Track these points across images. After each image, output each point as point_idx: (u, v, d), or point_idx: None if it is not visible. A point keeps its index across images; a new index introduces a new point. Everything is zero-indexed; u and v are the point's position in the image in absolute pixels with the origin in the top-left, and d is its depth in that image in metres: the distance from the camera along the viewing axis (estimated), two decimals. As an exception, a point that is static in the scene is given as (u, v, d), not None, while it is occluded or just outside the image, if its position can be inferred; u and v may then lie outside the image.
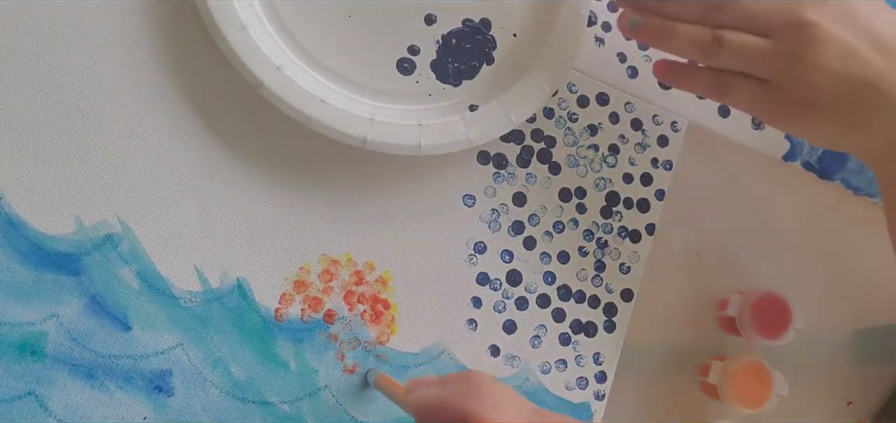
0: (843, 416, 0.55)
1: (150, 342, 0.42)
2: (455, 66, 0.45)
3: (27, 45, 0.41)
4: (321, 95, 0.42)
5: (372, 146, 0.42)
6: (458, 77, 0.45)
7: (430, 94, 0.45)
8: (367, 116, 0.43)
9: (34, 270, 0.41)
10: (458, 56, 0.45)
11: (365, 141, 0.42)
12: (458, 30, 0.45)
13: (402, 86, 0.45)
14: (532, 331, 0.48)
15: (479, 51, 0.46)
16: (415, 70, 0.45)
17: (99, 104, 0.42)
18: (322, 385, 0.45)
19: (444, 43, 0.45)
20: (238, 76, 0.42)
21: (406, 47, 0.45)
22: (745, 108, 0.41)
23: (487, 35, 0.46)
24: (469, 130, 0.44)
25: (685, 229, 0.51)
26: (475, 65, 0.46)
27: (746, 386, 0.48)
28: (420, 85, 0.45)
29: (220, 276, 0.43)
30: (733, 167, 0.51)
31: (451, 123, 0.44)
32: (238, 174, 0.44)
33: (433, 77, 0.45)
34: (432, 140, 0.43)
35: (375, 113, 0.43)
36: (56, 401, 0.41)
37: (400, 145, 0.43)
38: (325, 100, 0.42)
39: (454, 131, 0.44)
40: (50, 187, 0.41)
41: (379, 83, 0.44)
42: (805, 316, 0.49)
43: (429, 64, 0.45)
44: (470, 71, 0.46)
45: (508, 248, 0.48)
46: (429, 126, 0.43)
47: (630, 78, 0.49)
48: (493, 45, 0.46)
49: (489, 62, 0.46)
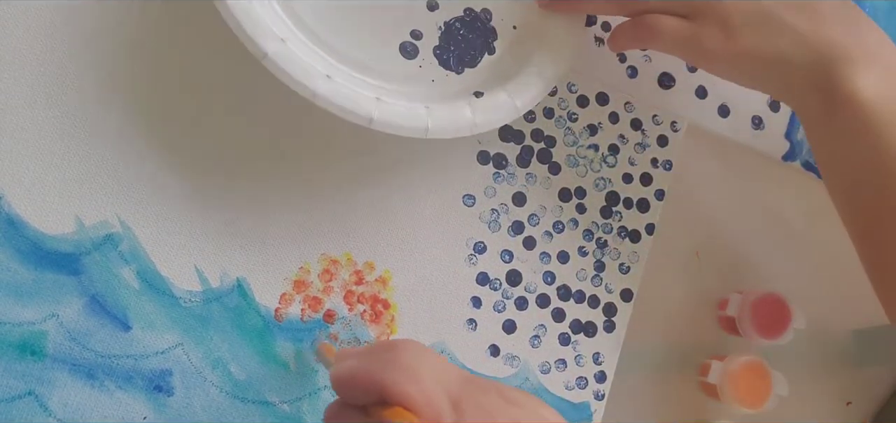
0: (843, 416, 0.55)
1: (150, 342, 0.42)
2: (457, 53, 0.45)
3: (27, 44, 0.41)
4: (326, 71, 0.42)
5: (378, 126, 0.41)
6: (460, 65, 0.45)
7: (433, 80, 0.45)
8: (372, 96, 0.42)
9: (34, 269, 0.41)
10: (460, 44, 0.45)
11: (371, 120, 0.41)
12: (460, 18, 0.45)
13: (405, 69, 0.45)
14: (532, 331, 0.48)
15: (480, 40, 0.46)
16: (418, 54, 0.45)
17: (98, 104, 0.42)
18: (322, 385, 0.45)
19: (446, 30, 0.45)
20: (239, 76, 0.42)
21: (409, 31, 0.45)
22: (673, 48, 0.42)
23: (488, 25, 0.46)
24: (476, 115, 0.43)
25: (685, 228, 0.51)
26: (476, 54, 0.46)
27: (746, 386, 0.48)
28: (423, 70, 0.45)
29: (220, 276, 0.43)
30: (733, 167, 0.51)
31: (457, 108, 0.43)
32: (238, 174, 0.44)
33: (436, 63, 0.45)
34: (440, 124, 0.42)
35: (381, 93, 0.43)
36: (56, 401, 0.41)
37: (407, 127, 0.42)
38: (332, 76, 0.41)
39: (460, 116, 0.43)
40: (50, 187, 0.41)
41: (382, 65, 0.44)
42: (805, 316, 0.49)
43: (431, 49, 0.45)
44: (472, 60, 0.46)
45: (508, 248, 0.48)
46: (435, 110, 0.43)
47: (630, 78, 0.49)
48: (494, 36, 0.46)
49: (490, 52, 0.46)
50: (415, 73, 0.45)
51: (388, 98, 0.42)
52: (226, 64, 0.43)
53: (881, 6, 0.54)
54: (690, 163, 0.50)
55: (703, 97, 0.50)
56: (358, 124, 0.40)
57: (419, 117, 0.42)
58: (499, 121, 0.44)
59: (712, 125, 0.50)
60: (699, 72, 0.50)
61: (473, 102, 0.43)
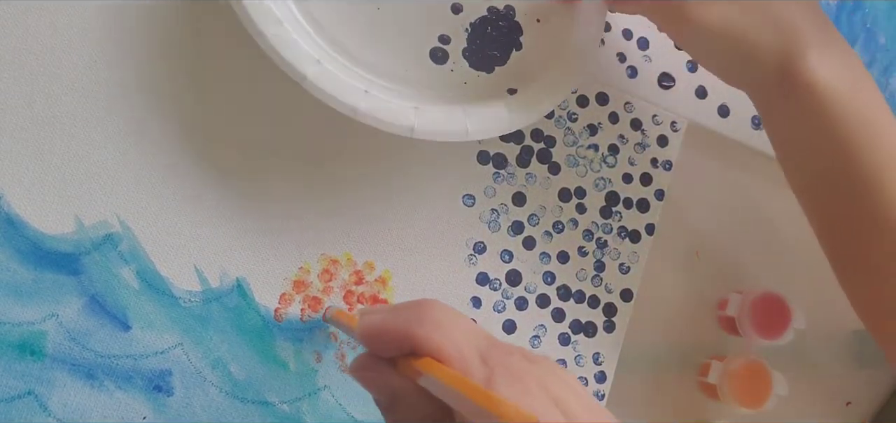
0: (843, 416, 0.55)
1: (150, 342, 0.42)
2: (485, 53, 0.45)
3: (27, 45, 0.41)
4: (365, 87, 0.42)
5: (419, 134, 0.41)
6: (491, 64, 0.45)
7: (465, 82, 0.45)
8: (411, 106, 0.42)
9: (34, 269, 0.41)
10: (488, 43, 0.45)
11: (412, 130, 0.41)
12: (484, 17, 0.45)
13: (438, 75, 0.45)
14: (531, 331, 0.48)
15: (506, 37, 0.46)
16: (448, 59, 0.45)
17: (98, 104, 0.42)
18: (321, 385, 0.45)
19: (473, 31, 0.45)
20: (238, 76, 0.42)
21: (437, 36, 0.45)
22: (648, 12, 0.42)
23: (513, 21, 0.46)
24: (512, 114, 0.43)
25: (684, 228, 0.51)
26: (504, 51, 0.46)
27: (746, 386, 0.48)
28: (455, 73, 0.45)
29: (219, 275, 0.43)
30: (733, 167, 0.51)
31: (493, 107, 0.43)
32: (238, 174, 0.44)
33: (466, 65, 0.45)
34: (477, 125, 0.43)
35: (418, 101, 0.43)
36: (55, 401, 0.41)
37: (447, 131, 0.42)
38: (369, 92, 0.42)
39: (497, 117, 0.43)
40: (50, 187, 0.41)
41: (412, 73, 0.44)
42: (804, 316, 0.49)
43: (461, 52, 0.45)
44: (501, 57, 0.46)
45: (508, 248, 0.48)
46: (473, 112, 0.43)
47: (629, 78, 0.49)
48: (520, 31, 0.46)
49: (518, 48, 0.46)
50: (447, 77, 0.45)
51: (425, 105, 0.43)
52: (224, 64, 0.43)
53: (881, 6, 0.54)
54: (690, 163, 0.50)
55: (703, 97, 0.50)
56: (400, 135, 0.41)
57: (457, 120, 0.42)
58: (533, 118, 0.44)
59: (712, 125, 0.50)
60: (699, 71, 0.50)
61: (508, 100, 0.44)
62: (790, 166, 0.42)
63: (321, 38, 0.43)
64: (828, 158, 0.39)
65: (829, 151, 0.39)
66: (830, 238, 0.42)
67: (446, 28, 0.45)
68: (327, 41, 0.43)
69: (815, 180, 0.41)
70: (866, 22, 0.54)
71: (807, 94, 0.39)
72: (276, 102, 0.44)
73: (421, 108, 0.42)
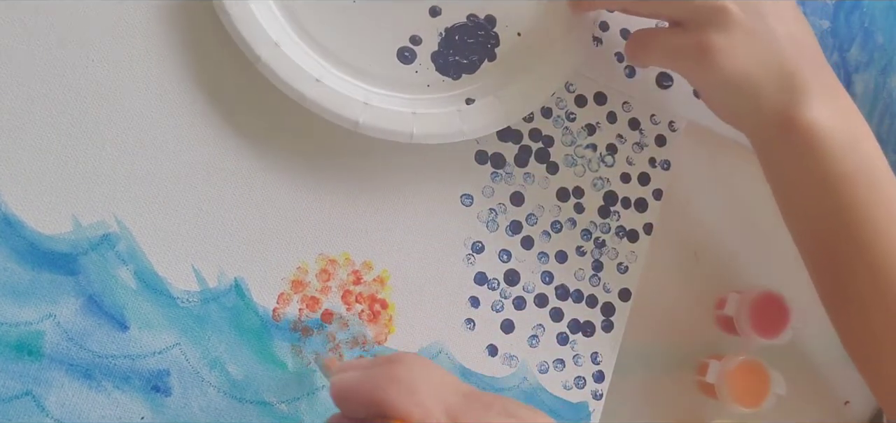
0: (841, 415, 0.55)
1: (148, 342, 0.42)
2: (456, 59, 0.45)
3: (25, 44, 0.41)
4: (317, 74, 0.42)
5: (364, 130, 0.42)
6: (458, 70, 0.45)
7: (428, 84, 0.45)
8: (361, 100, 0.42)
9: (31, 269, 0.41)
10: (460, 50, 0.45)
11: (357, 124, 0.42)
12: (462, 24, 0.45)
13: (401, 74, 0.45)
14: (530, 331, 0.48)
15: (481, 46, 0.46)
16: (415, 59, 0.45)
17: (96, 103, 0.42)
18: (319, 385, 0.45)
19: (447, 36, 0.45)
20: (237, 76, 0.42)
21: (408, 36, 0.45)
22: (670, 64, 0.44)
23: (491, 31, 0.46)
24: (463, 123, 0.44)
25: (683, 228, 0.51)
26: (476, 60, 0.46)
27: (744, 385, 0.48)
28: (419, 75, 0.45)
29: (217, 275, 0.43)
30: (731, 167, 0.51)
31: (446, 114, 0.44)
32: (236, 174, 0.44)
33: (433, 68, 0.45)
34: (426, 129, 0.43)
35: (370, 98, 0.43)
36: (53, 401, 0.41)
37: (392, 131, 0.43)
38: (321, 80, 0.42)
39: (449, 123, 0.44)
40: (47, 187, 0.41)
41: (377, 69, 0.44)
42: (803, 316, 0.49)
43: (429, 55, 0.45)
44: (470, 65, 0.46)
45: (506, 247, 0.48)
46: (424, 115, 0.43)
47: (628, 77, 0.49)
48: (497, 43, 0.46)
49: (491, 58, 0.46)
50: (409, 78, 0.45)
51: (378, 102, 0.43)
52: (223, 64, 0.43)
53: (878, 6, 0.54)
54: (689, 162, 0.50)
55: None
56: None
57: (405, 123, 0.43)
58: (489, 128, 0.44)
59: (710, 125, 0.50)
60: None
61: (463, 108, 0.44)
62: (785, 205, 0.43)
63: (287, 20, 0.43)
64: (822, 202, 0.41)
65: (824, 195, 0.41)
66: (821, 276, 0.43)
67: (420, 29, 0.45)
68: (293, 25, 0.43)
69: (810, 223, 0.42)
70: (864, 21, 0.54)
71: (805, 138, 0.40)
72: (275, 103, 0.44)
73: (370, 104, 0.42)
